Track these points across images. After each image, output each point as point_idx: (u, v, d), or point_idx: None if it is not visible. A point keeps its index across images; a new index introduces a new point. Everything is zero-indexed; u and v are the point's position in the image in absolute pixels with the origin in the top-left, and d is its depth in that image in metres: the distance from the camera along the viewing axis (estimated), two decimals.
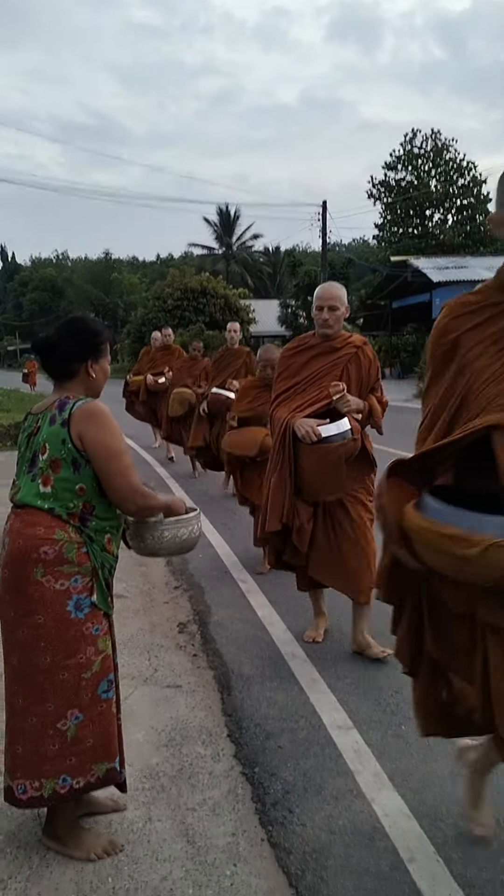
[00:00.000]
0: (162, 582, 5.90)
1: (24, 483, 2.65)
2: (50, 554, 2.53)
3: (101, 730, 2.63)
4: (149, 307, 41.76)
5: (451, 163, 44.12)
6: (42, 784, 2.56)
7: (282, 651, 4.51)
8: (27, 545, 2.54)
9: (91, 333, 2.74)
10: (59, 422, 2.59)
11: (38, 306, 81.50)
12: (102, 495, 2.64)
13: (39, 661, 2.54)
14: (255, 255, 67.21)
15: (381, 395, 4.49)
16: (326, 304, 4.31)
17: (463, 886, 2.54)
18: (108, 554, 2.69)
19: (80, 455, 2.57)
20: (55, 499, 2.58)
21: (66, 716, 2.57)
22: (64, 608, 2.55)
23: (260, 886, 2.55)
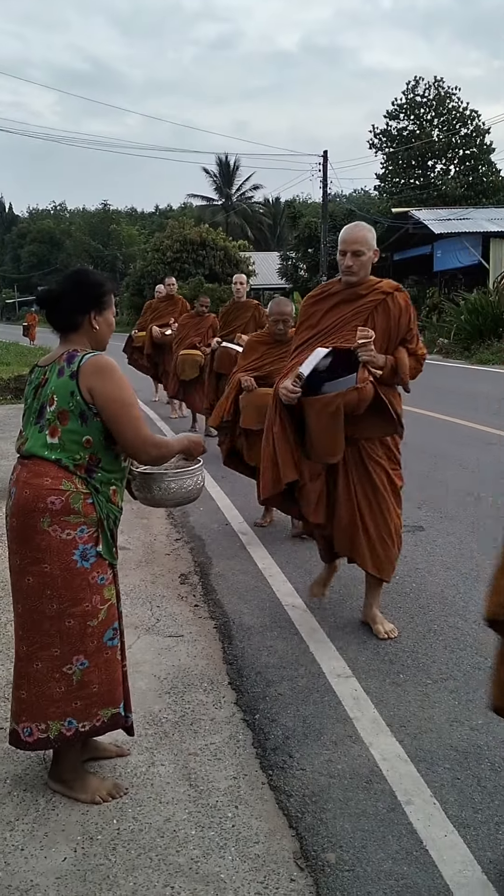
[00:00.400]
0: (163, 534, 5.95)
1: (31, 434, 2.67)
2: (57, 504, 2.56)
3: (106, 676, 2.69)
4: (148, 259, 41.41)
5: (453, 112, 43.31)
6: (48, 726, 2.62)
7: (282, 601, 4.57)
8: (34, 495, 2.57)
9: (94, 285, 2.74)
10: (67, 374, 2.61)
11: (36, 258, 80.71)
12: (108, 448, 2.67)
13: (46, 608, 2.59)
14: (254, 206, 66.47)
15: (417, 345, 4.04)
16: (350, 249, 3.87)
17: (458, 827, 2.61)
18: (113, 505, 2.73)
19: (88, 407, 2.59)
20: (62, 450, 2.60)
21: (71, 661, 2.62)
22: (70, 557, 2.58)
23: (261, 828, 2.62)
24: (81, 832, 2.59)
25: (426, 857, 2.48)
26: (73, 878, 2.38)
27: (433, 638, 4.05)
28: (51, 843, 2.53)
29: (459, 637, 4.06)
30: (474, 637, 4.05)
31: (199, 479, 2.98)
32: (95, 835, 2.58)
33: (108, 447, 2.67)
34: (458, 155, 43.44)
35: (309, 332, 4.06)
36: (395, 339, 3.93)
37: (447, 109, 43.29)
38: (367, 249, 3.89)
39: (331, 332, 3.97)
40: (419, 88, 43.99)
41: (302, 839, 2.57)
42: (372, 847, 2.53)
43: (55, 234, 79.25)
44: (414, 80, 44.05)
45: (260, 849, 2.52)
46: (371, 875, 2.40)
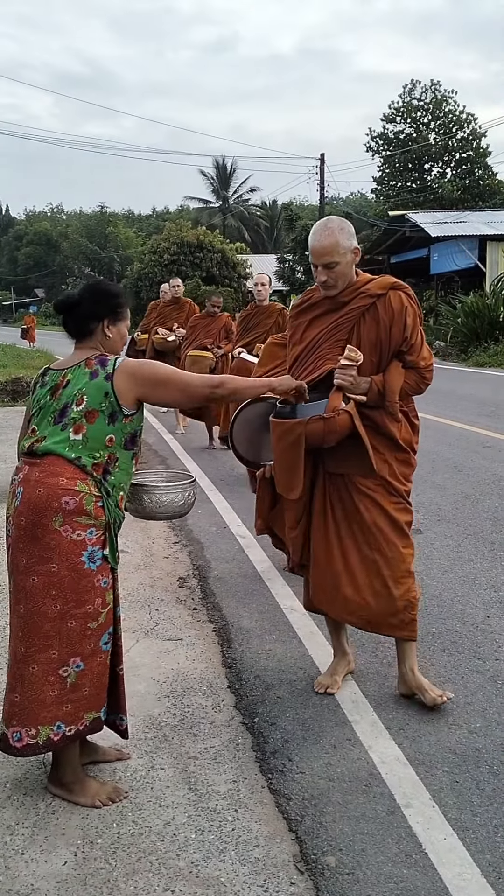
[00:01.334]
0: (161, 538, 5.96)
1: (50, 433, 2.71)
2: (71, 504, 2.60)
3: (97, 680, 2.71)
4: (145, 262, 41.41)
5: (450, 115, 43.42)
6: (38, 731, 2.62)
7: (280, 605, 4.57)
8: (49, 493, 2.60)
9: (111, 295, 2.89)
10: (102, 376, 2.72)
11: (32, 261, 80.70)
12: (126, 448, 2.76)
13: (49, 608, 2.60)
14: (251, 208, 66.53)
15: (418, 356, 3.33)
16: (321, 263, 3.24)
17: (457, 830, 2.62)
18: (120, 511, 2.78)
19: (121, 409, 2.71)
20: (84, 447, 2.67)
21: (68, 663, 2.63)
22: (79, 558, 2.61)
23: (260, 831, 2.63)
24: (82, 836, 2.59)
25: (425, 860, 2.49)
26: (73, 883, 2.38)
27: (431, 641, 4.06)
28: (51, 848, 2.54)
29: (457, 640, 4.07)
30: (472, 640, 4.06)
31: (189, 493, 3.08)
32: (96, 839, 2.58)
33: (126, 448, 2.76)
34: (455, 158, 43.60)
35: (297, 349, 3.48)
36: (387, 351, 3.27)
37: (444, 113, 43.43)
38: (341, 257, 3.22)
39: (315, 348, 3.39)
40: (416, 92, 44.16)
41: (302, 842, 2.58)
42: (371, 850, 2.54)
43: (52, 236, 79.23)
44: (410, 83, 44.26)
45: (260, 852, 2.52)
46: (371, 878, 2.41)
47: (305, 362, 3.39)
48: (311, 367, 3.34)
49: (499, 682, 3.61)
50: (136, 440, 2.81)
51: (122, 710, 2.87)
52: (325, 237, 3.23)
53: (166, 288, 11.60)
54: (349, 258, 3.26)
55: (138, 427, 2.81)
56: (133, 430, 2.77)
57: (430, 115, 43.90)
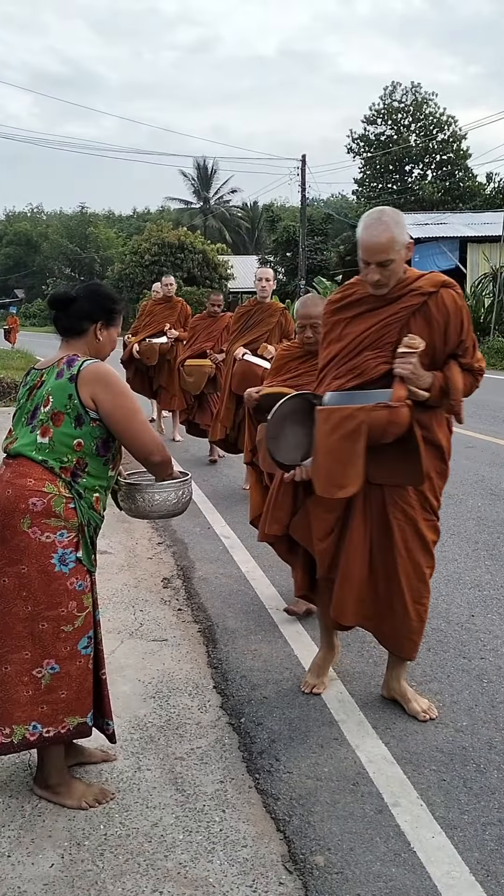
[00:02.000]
0: (145, 538, 5.94)
1: (22, 434, 2.68)
2: (38, 506, 2.56)
3: (77, 684, 2.66)
4: (126, 262, 41.37)
5: (430, 117, 43.67)
6: (13, 730, 2.59)
7: (266, 605, 4.57)
8: (16, 495, 2.56)
9: (108, 298, 2.83)
10: (66, 376, 2.65)
11: (12, 261, 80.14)
12: (98, 454, 2.69)
13: (20, 610, 2.57)
14: (232, 209, 66.42)
15: (473, 357, 3.11)
16: (374, 261, 2.98)
17: (445, 828, 2.62)
18: (95, 512, 2.72)
19: (86, 411, 2.62)
20: (50, 450, 2.61)
21: (41, 665, 2.60)
22: (48, 560, 2.57)
23: (248, 832, 2.62)
24: (68, 838, 2.57)
25: (414, 858, 2.49)
26: (61, 885, 2.36)
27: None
28: (38, 850, 2.51)
29: (442, 639, 4.08)
30: (457, 639, 4.07)
31: (184, 492, 3.01)
32: (83, 840, 2.56)
33: (99, 455, 2.69)
34: (436, 160, 43.85)
35: (335, 347, 3.22)
36: (442, 353, 3.04)
37: (424, 115, 43.69)
38: (395, 254, 2.98)
39: (359, 349, 3.12)
40: (397, 94, 44.34)
41: (290, 842, 2.57)
42: (360, 849, 2.53)
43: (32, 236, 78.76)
44: (391, 85, 44.49)
45: (248, 852, 2.51)
46: (360, 877, 2.41)
47: (344, 363, 3.15)
48: (357, 371, 3.10)
49: (484, 681, 3.63)
50: (110, 446, 2.73)
51: (107, 715, 2.85)
52: (382, 232, 2.96)
53: (158, 287, 10.75)
54: (403, 254, 3.02)
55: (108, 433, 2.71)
56: (104, 435, 2.69)
57: (411, 118, 44.14)
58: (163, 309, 10.23)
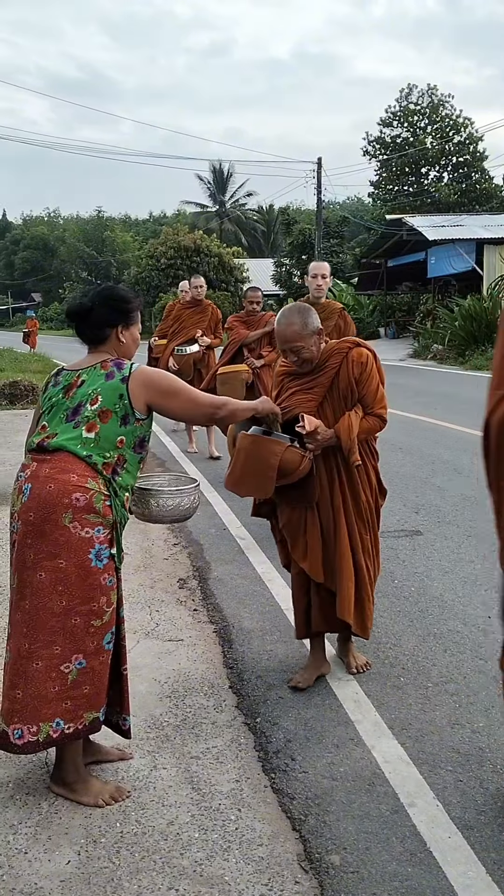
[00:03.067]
0: (161, 539, 5.95)
1: (62, 430, 2.73)
2: (81, 501, 2.61)
3: (98, 680, 2.70)
4: (142, 266, 41.54)
5: (447, 119, 43.52)
6: (39, 728, 2.61)
7: (281, 606, 4.56)
8: (59, 490, 2.60)
9: (122, 300, 2.88)
10: (118, 378, 2.75)
11: (29, 265, 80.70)
12: (135, 451, 2.79)
13: (54, 604, 2.60)
14: (248, 213, 66.55)
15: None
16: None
17: (462, 829, 2.61)
18: (125, 512, 2.79)
19: (133, 413, 2.74)
20: (96, 445, 2.69)
21: (70, 660, 2.62)
22: (86, 555, 2.61)
23: (264, 831, 2.62)
24: (85, 835, 2.59)
25: (430, 858, 2.48)
26: (77, 882, 2.37)
27: (433, 641, 4.05)
28: (54, 847, 2.53)
29: (459, 641, 4.06)
30: (473, 640, 4.05)
31: (194, 497, 3.12)
32: (99, 838, 2.57)
33: (135, 451, 2.79)
34: (452, 162, 43.68)
35: None
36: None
37: (440, 117, 43.51)
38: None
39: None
40: (412, 96, 44.23)
41: (306, 841, 2.57)
42: (376, 849, 2.53)
43: (49, 240, 79.24)
44: (407, 87, 44.38)
45: (263, 851, 2.52)
46: (375, 877, 2.41)
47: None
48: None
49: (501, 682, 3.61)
50: (145, 445, 2.85)
51: (125, 711, 2.87)
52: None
53: (186, 287, 9.78)
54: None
55: (147, 432, 2.84)
56: (142, 434, 2.81)
57: (427, 120, 43.99)
58: (192, 313, 9.30)
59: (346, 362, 3.52)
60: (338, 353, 3.55)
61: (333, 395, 3.55)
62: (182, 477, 3.57)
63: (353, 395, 3.53)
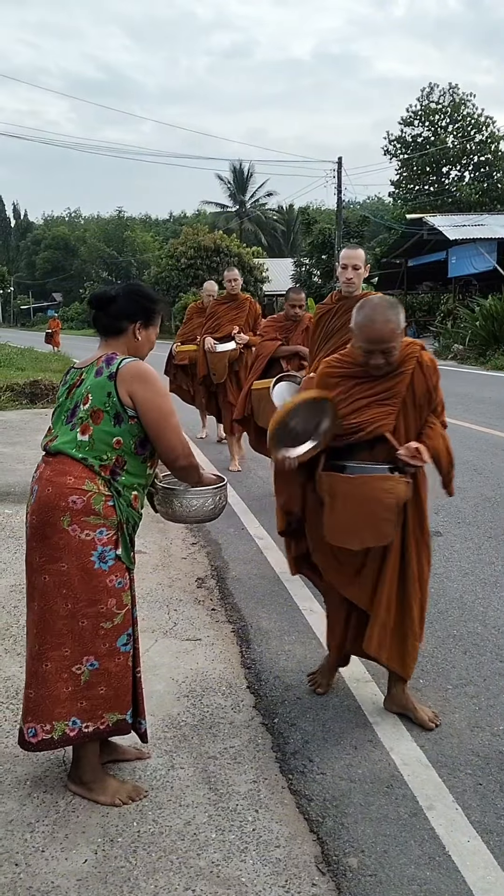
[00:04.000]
0: (179, 538, 5.95)
1: (61, 432, 2.71)
2: (78, 503, 2.57)
3: (116, 681, 2.68)
4: (162, 266, 41.59)
5: (468, 118, 43.31)
6: (53, 727, 2.61)
7: (299, 606, 4.55)
8: (56, 493, 2.58)
9: (147, 297, 2.85)
10: (105, 374, 2.66)
11: (50, 265, 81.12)
12: (136, 453, 2.71)
13: (60, 607, 2.59)
14: (268, 212, 66.46)
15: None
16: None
17: (481, 833, 2.59)
18: (133, 510, 2.74)
19: (124, 409, 2.64)
20: (91, 448, 2.63)
21: (81, 662, 2.62)
22: (88, 558, 2.59)
23: (281, 832, 2.61)
24: (102, 834, 2.58)
25: (449, 862, 2.46)
26: (93, 881, 2.37)
27: (452, 643, 4.02)
28: (71, 845, 2.52)
29: (479, 643, 4.03)
30: (494, 642, 4.02)
31: (221, 497, 3.03)
32: (116, 837, 2.57)
33: (136, 452, 2.71)
34: (473, 161, 43.48)
35: None
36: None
37: (462, 116, 43.32)
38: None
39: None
40: (434, 95, 44.06)
41: (323, 843, 2.55)
42: (394, 852, 2.51)
43: (70, 240, 79.64)
44: (429, 86, 44.39)
45: (281, 853, 2.50)
46: (393, 880, 2.39)
47: None
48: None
49: None
50: (147, 444, 2.73)
51: (140, 714, 2.85)
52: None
53: (212, 288, 9.33)
54: None
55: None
56: (142, 433, 2.70)
57: (448, 119, 43.81)
58: (227, 309, 8.45)
59: (419, 367, 3.15)
60: (410, 357, 3.15)
61: (408, 405, 3.17)
62: (210, 476, 3.45)
63: (430, 404, 3.20)
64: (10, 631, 4.11)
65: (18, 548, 5.46)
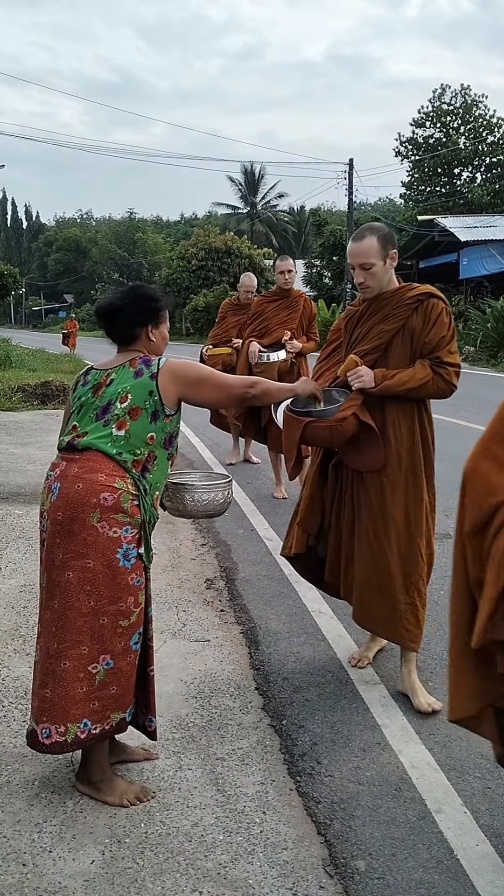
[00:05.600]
0: (189, 539, 5.95)
1: (92, 428, 2.74)
2: (109, 500, 2.60)
3: (125, 680, 2.69)
4: (173, 267, 41.68)
5: (480, 119, 43.21)
6: (67, 728, 2.61)
7: (308, 608, 4.54)
8: (87, 489, 2.60)
9: (151, 299, 2.89)
10: (146, 375, 2.76)
11: (62, 266, 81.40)
12: (165, 448, 2.79)
13: (82, 604, 2.60)
14: (279, 214, 66.48)
15: None
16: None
17: (490, 837, 2.57)
18: (155, 511, 2.78)
19: (163, 408, 2.74)
20: (126, 442, 2.69)
21: (98, 660, 2.62)
22: (114, 555, 2.61)
23: (289, 834, 2.60)
24: (109, 835, 2.58)
25: (457, 866, 2.45)
26: (101, 881, 2.37)
27: None
28: (79, 846, 2.52)
29: None
30: None
31: (228, 492, 3.13)
32: (123, 838, 2.57)
33: (166, 447, 2.79)
34: (485, 162, 43.36)
35: None
36: None
37: (474, 117, 43.22)
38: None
39: None
40: (445, 96, 43.97)
41: (331, 846, 2.55)
42: (402, 855, 2.50)
43: (81, 242, 79.89)
44: (440, 87, 44.22)
45: (288, 855, 2.49)
46: (401, 883, 2.38)
47: None
48: None
49: None
50: (174, 441, 2.84)
51: (151, 712, 2.86)
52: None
53: (251, 282, 7.89)
54: None
55: (176, 428, 2.83)
56: (172, 430, 2.80)
57: (460, 120, 43.72)
58: (278, 308, 6.84)
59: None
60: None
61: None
62: (212, 473, 3.58)
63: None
64: (20, 631, 4.12)
65: (28, 548, 5.47)
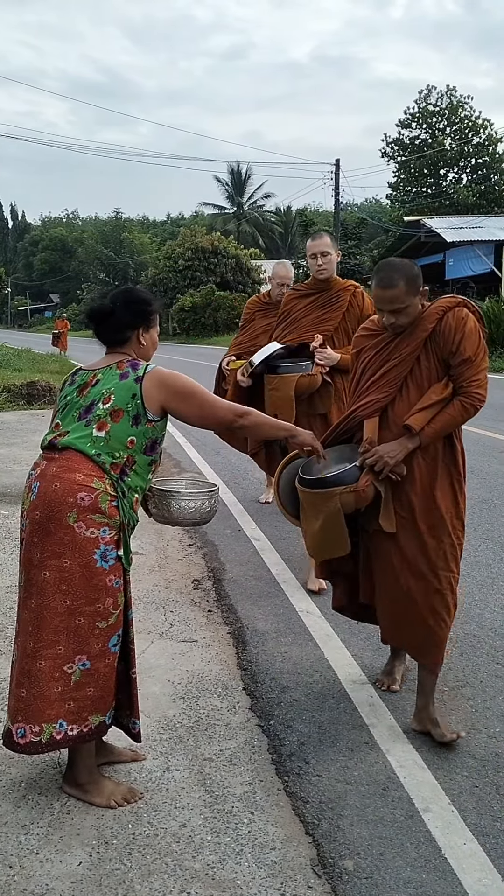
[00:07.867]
0: (176, 540, 5.94)
1: (74, 428, 2.72)
2: (86, 500, 2.59)
3: (103, 682, 2.68)
4: (159, 267, 41.66)
5: (466, 121, 43.38)
6: (42, 729, 2.59)
7: (296, 607, 4.54)
8: (65, 489, 2.59)
9: (143, 302, 2.89)
10: (132, 377, 2.73)
11: (48, 266, 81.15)
12: (146, 453, 2.76)
13: (58, 604, 2.58)
14: (266, 214, 66.57)
15: None
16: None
17: (477, 835, 2.58)
18: (134, 513, 2.77)
19: (145, 413, 2.71)
20: (105, 444, 2.67)
21: (73, 660, 2.60)
22: (91, 555, 2.59)
23: (277, 834, 2.60)
24: (97, 837, 2.57)
25: (445, 865, 2.45)
26: (88, 883, 2.36)
27: (449, 645, 4.00)
28: (66, 848, 2.51)
29: (475, 644, 4.02)
30: (490, 644, 4.01)
31: (214, 501, 3.10)
32: (111, 839, 2.56)
33: (146, 453, 2.76)
34: (471, 163, 43.54)
35: None
36: None
37: (459, 118, 43.39)
38: None
39: None
40: (431, 97, 44.12)
41: (319, 846, 2.54)
42: (390, 854, 2.50)
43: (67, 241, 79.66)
44: (426, 88, 44.30)
45: (276, 855, 2.49)
46: (389, 882, 2.38)
47: None
48: None
49: None
50: (157, 447, 2.81)
51: (135, 714, 2.85)
52: None
53: (286, 273, 6.37)
54: None
55: (160, 435, 2.81)
56: (155, 436, 2.77)
57: (446, 121, 43.88)
58: (310, 305, 5.07)
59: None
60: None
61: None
62: (200, 480, 3.56)
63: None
64: (6, 632, 4.10)
65: (14, 549, 5.45)
